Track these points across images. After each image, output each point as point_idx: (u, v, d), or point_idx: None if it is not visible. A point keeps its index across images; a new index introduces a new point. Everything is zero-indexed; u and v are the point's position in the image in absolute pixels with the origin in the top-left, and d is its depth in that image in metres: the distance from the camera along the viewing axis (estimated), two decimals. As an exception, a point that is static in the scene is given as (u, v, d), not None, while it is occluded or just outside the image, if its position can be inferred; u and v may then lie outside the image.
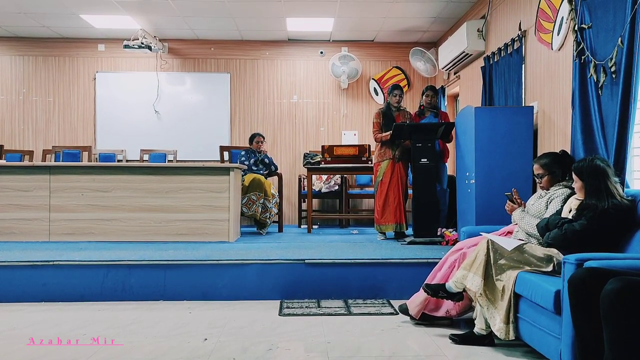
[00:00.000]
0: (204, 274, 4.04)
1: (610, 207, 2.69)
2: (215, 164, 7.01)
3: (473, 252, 3.04)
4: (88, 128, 7.92)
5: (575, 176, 2.87)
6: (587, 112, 3.72)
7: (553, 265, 2.83)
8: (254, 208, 5.98)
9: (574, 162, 3.16)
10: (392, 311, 3.66)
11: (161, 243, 5.04)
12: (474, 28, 5.94)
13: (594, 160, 2.82)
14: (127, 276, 4.01)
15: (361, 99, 8.10)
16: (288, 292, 4.02)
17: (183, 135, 7.89)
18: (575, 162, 2.96)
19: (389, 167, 5.45)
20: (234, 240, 5.32)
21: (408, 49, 7.69)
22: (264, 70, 8.04)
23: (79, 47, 7.91)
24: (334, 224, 7.69)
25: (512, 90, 5.06)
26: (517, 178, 4.34)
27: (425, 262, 4.03)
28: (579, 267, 2.33)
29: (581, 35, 3.81)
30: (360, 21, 7.12)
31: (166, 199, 5.23)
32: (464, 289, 3.03)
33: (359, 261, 4.11)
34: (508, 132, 4.40)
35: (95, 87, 7.91)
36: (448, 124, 5.24)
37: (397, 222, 5.44)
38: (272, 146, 7.92)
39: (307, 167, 6.39)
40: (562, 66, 4.23)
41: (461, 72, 6.81)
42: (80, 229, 5.19)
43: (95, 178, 5.23)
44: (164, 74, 7.94)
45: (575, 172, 2.87)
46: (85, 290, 3.98)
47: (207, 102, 7.97)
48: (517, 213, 3.25)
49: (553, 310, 2.46)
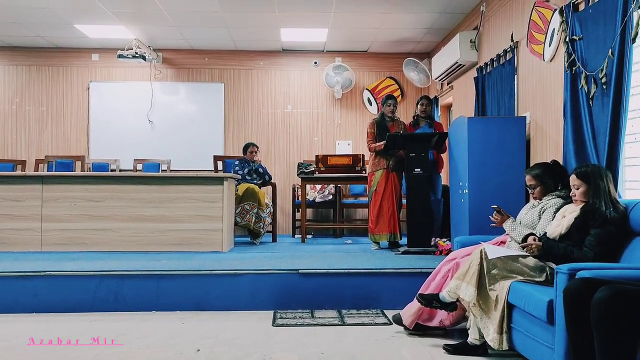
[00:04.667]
0: (197, 284, 4.02)
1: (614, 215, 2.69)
2: (208, 173, 7.00)
3: (466, 261, 3.04)
4: (81, 138, 7.89)
5: (579, 180, 2.84)
6: (578, 123, 3.76)
7: (546, 275, 2.84)
8: (248, 218, 5.97)
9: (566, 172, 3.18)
10: (386, 321, 3.65)
11: (154, 253, 5.01)
12: (467, 39, 5.99)
13: (596, 164, 2.87)
14: (120, 286, 3.98)
15: (355, 109, 8.13)
16: (282, 302, 4.01)
17: (177, 145, 7.88)
18: (572, 170, 2.96)
19: (383, 177, 5.47)
20: (227, 250, 5.30)
21: (401, 59, 7.74)
22: (258, 80, 8.06)
23: (73, 56, 7.91)
24: (328, 233, 7.68)
25: (504, 100, 5.10)
26: (509, 188, 4.36)
27: (419, 272, 4.02)
28: (572, 277, 2.33)
29: (572, 47, 3.86)
30: (354, 32, 7.17)
31: (159, 208, 5.21)
32: (457, 298, 3.03)
33: (352, 271, 4.10)
34: (501, 143, 4.42)
35: (88, 97, 7.90)
36: (441, 134, 5.27)
37: (391, 232, 5.44)
38: (266, 156, 7.92)
39: (301, 176, 6.39)
40: (553, 77, 4.27)
41: (454, 83, 6.85)
42: (72, 239, 5.16)
43: (88, 188, 5.20)
44: (158, 83, 7.95)
45: (579, 176, 2.84)
46: (77, 301, 3.95)
47: (201, 111, 7.98)
48: (508, 224, 3.24)
49: (546, 320, 2.47)
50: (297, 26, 6.95)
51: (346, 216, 7.92)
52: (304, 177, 6.34)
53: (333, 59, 8.06)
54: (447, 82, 7.10)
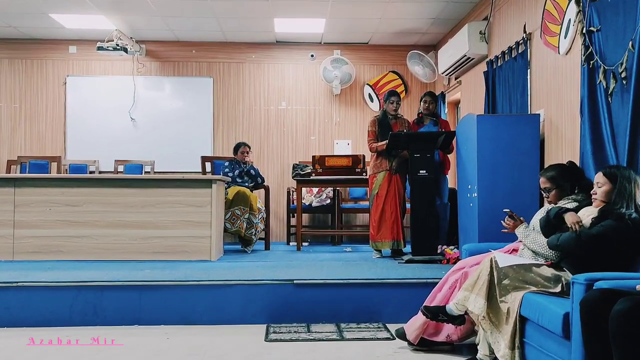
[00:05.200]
0: (183, 296, 4.02)
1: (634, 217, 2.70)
2: (196, 175, 6.99)
3: (475, 271, 3.05)
4: (57, 137, 7.88)
5: (605, 178, 2.85)
6: (596, 121, 3.77)
7: (561, 285, 2.85)
8: (239, 224, 5.97)
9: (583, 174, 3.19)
10: (389, 336, 3.65)
11: (136, 262, 5.01)
12: (476, 30, 6.01)
13: (628, 167, 2.94)
14: (99, 299, 3.97)
15: (355, 106, 8.15)
16: (275, 315, 4.01)
17: (161, 145, 7.88)
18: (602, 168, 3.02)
19: (385, 180, 5.47)
20: (216, 259, 5.30)
21: (405, 52, 7.75)
22: (249, 74, 8.06)
23: (48, 49, 7.90)
24: (326, 241, 7.68)
25: (516, 96, 5.11)
26: (522, 191, 4.37)
27: (424, 282, 4.03)
28: (589, 287, 2.34)
29: (589, 39, 3.87)
30: (354, 22, 7.18)
31: (142, 214, 5.20)
32: (465, 311, 3.04)
33: (352, 282, 4.10)
34: (512, 142, 4.44)
35: (65, 93, 7.89)
36: (448, 133, 5.28)
37: (394, 239, 5.44)
38: (259, 156, 7.92)
39: (296, 179, 6.39)
40: (569, 71, 4.29)
41: (462, 77, 6.87)
42: (47, 247, 5.15)
43: (64, 191, 5.20)
44: (141, 78, 7.95)
45: (606, 174, 2.86)
46: (52, 314, 3.93)
47: (187, 108, 7.98)
48: (520, 230, 3.24)
49: (562, 335, 2.47)
50: (292, 16, 6.96)
51: (345, 222, 7.93)
52: (299, 179, 6.35)
53: (331, 51, 8.07)
54: (454, 77, 7.11)
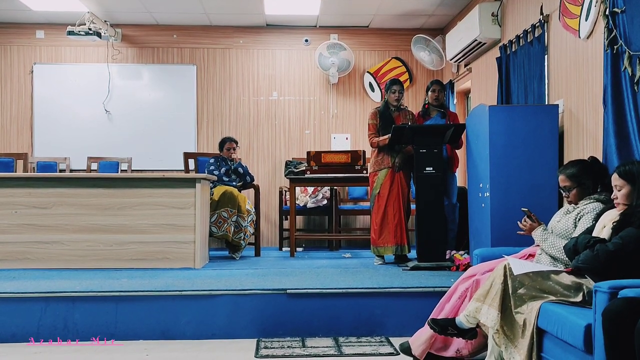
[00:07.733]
0: (164, 307, 4.02)
1: None
2: (178, 174, 6.99)
3: (488, 279, 3.05)
4: (23, 132, 7.86)
5: (622, 180, 2.84)
6: (621, 112, 3.78)
7: (583, 294, 2.85)
8: (226, 227, 5.97)
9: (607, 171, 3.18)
10: (392, 351, 3.66)
11: (112, 270, 5.00)
12: (488, 12, 6.01)
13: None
14: (71, 311, 3.97)
15: (354, 96, 8.15)
16: (266, 329, 4.01)
17: (139, 140, 7.87)
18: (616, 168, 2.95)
19: (387, 178, 5.48)
20: (201, 267, 5.30)
21: (410, 36, 7.75)
22: (237, 61, 8.06)
23: (13, 33, 7.87)
24: (322, 246, 7.68)
25: (532, 85, 5.12)
26: (539, 190, 4.38)
27: (431, 291, 4.05)
28: (613, 296, 2.35)
29: (613, 21, 3.88)
30: (353, 3, 7.18)
31: (119, 217, 5.20)
32: (477, 324, 3.04)
33: (351, 291, 4.11)
34: (528, 136, 4.45)
35: (32, 82, 7.87)
36: (457, 126, 5.29)
37: (398, 244, 5.45)
38: (247, 153, 7.93)
39: (289, 177, 6.40)
40: (591, 57, 4.30)
41: (473, 64, 6.88)
42: (12, 254, 5.14)
43: (31, 192, 5.19)
44: (117, 66, 7.93)
45: (622, 175, 2.85)
46: (17, 328, 3.93)
47: (168, 99, 7.97)
48: (538, 233, 3.25)
49: (583, 349, 2.48)
50: (284, -3, 6.96)
51: (344, 225, 7.94)
52: (293, 178, 6.35)
53: (327, 36, 8.07)
54: (464, 64, 7.12)
